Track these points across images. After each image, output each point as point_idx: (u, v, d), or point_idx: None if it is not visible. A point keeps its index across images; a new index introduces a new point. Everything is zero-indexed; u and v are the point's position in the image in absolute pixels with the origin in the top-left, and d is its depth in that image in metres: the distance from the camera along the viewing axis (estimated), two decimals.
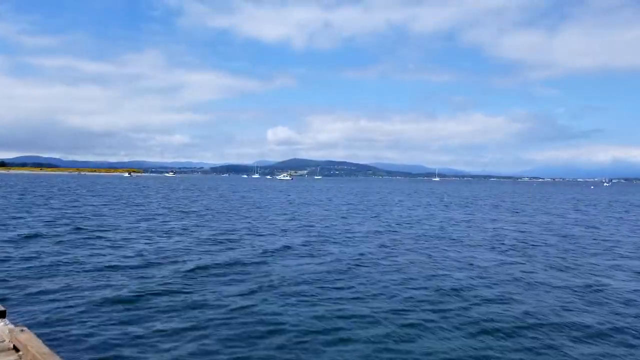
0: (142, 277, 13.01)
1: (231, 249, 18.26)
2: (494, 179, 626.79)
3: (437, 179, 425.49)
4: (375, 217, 33.83)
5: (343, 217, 32.59)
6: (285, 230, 24.68)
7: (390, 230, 25.57)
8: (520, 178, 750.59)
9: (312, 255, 17.22)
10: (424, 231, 25.49)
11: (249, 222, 28.47)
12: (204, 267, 14.42)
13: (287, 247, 18.74)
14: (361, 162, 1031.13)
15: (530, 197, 77.65)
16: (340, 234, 23.76)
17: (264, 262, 15.57)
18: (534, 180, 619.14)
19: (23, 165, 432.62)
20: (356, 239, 21.98)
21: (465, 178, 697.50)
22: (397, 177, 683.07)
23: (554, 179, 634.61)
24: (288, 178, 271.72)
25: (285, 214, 34.86)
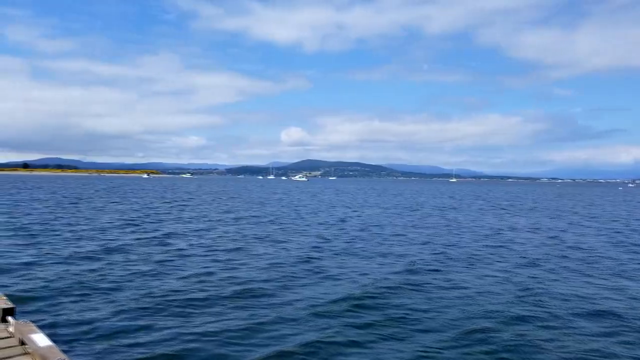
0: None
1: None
2: (511, 180, 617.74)
3: (454, 180, 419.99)
4: (456, 226, 31.11)
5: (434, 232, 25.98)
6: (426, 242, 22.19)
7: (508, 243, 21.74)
8: (538, 179, 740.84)
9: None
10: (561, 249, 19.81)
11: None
12: None
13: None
14: (373, 163, 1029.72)
15: (589, 200, 73.92)
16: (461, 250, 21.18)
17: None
18: (553, 181, 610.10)
19: (45, 166, 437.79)
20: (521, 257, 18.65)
21: (481, 179, 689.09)
22: (412, 178, 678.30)
23: (573, 180, 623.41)
24: (304, 179, 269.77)
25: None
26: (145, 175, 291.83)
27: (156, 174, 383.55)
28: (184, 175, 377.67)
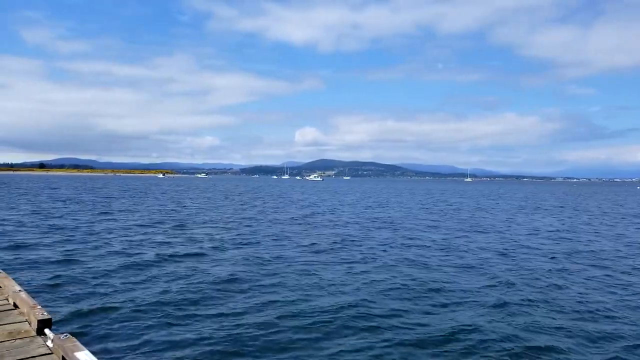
0: None
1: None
2: (526, 180, 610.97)
3: (469, 179, 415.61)
4: (487, 228, 30.47)
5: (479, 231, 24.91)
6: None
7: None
8: (554, 178, 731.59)
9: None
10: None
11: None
12: None
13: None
14: (388, 163, 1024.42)
15: (615, 199, 72.44)
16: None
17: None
18: (568, 180, 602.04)
19: (61, 166, 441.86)
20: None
21: (497, 179, 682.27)
22: (426, 178, 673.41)
23: (589, 179, 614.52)
24: (319, 179, 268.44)
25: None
26: (160, 175, 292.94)
27: (171, 173, 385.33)
28: (199, 175, 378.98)
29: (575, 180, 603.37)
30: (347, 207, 42.04)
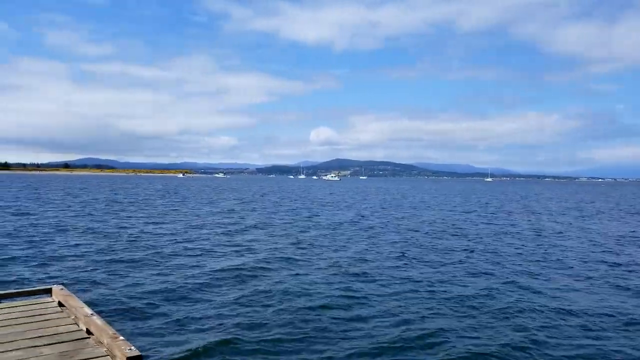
0: None
1: None
2: (548, 180, 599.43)
3: (489, 179, 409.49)
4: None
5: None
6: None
7: None
8: (577, 178, 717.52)
9: None
10: None
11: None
12: None
13: None
14: (404, 162, 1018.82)
15: None
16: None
17: None
18: (593, 180, 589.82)
19: (84, 166, 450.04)
20: None
21: (517, 178, 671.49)
22: (444, 177, 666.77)
23: (615, 179, 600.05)
24: (336, 179, 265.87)
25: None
26: (180, 175, 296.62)
27: (190, 173, 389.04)
28: (217, 175, 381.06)
29: (600, 180, 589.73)
30: (421, 211, 40.22)
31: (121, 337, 4.61)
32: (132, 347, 4.35)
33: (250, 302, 10.58)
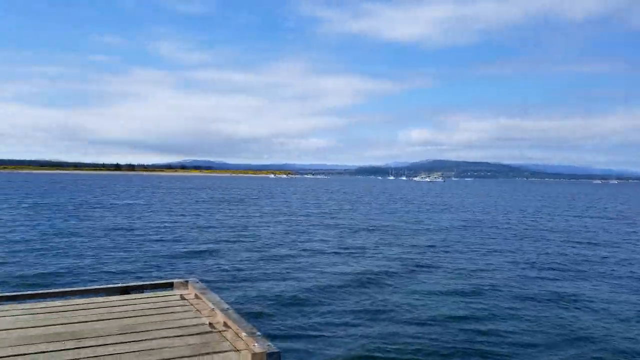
0: None
1: None
2: None
3: (615, 181, 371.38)
4: None
5: None
6: None
7: None
8: None
9: None
10: None
11: None
12: None
13: None
14: (502, 162, 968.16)
15: None
16: None
17: None
18: None
19: (185, 167, 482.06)
20: None
21: (632, 180, 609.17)
22: (548, 179, 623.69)
23: None
24: (439, 180, 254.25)
25: None
26: (272, 176, 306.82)
27: (283, 174, 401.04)
28: (307, 176, 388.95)
29: None
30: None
31: (258, 333, 4.51)
32: (271, 344, 4.23)
33: (379, 310, 9.84)
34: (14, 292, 7.91)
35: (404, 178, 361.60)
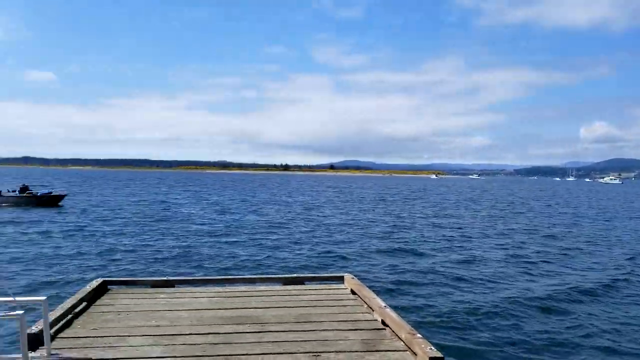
0: None
1: None
2: None
3: None
4: None
5: None
6: None
7: None
8: None
9: None
10: None
11: None
12: None
13: None
14: None
15: None
16: None
17: None
18: None
19: (346, 168, 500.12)
20: None
21: None
22: None
23: None
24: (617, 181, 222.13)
25: None
26: (433, 176, 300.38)
27: (443, 174, 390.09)
28: (471, 176, 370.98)
29: None
30: None
31: (419, 335, 4.35)
32: (433, 347, 4.07)
33: (569, 340, 8.45)
34: (206, 276, 8.96)
35: (588, 180, 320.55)
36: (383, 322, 5.00)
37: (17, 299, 3.31)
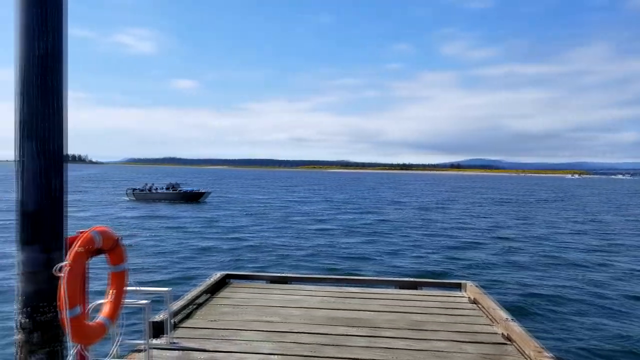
0: None
1: None
2: None
3: None
4: None
5: None
6: None
7: None
8: None
9: None
10: None
11: None
12: None
13: None
14: None
15: None
16: None
17: None
18: None
19: (471, 167, 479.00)
20: None
21: None
22: None
23: None
24: None
25: None
26: (570, 176, 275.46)
27: (585, 174, 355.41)
28: (619, 177, 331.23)
29: None
30: None
31: (548, 353, 4.02)
32: None
33: None
34: (320, 274, 9.06)
35: None
36: (506, 336, 4.60)
37: (144, 288, 3.56)
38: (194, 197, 36.12)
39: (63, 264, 2.21)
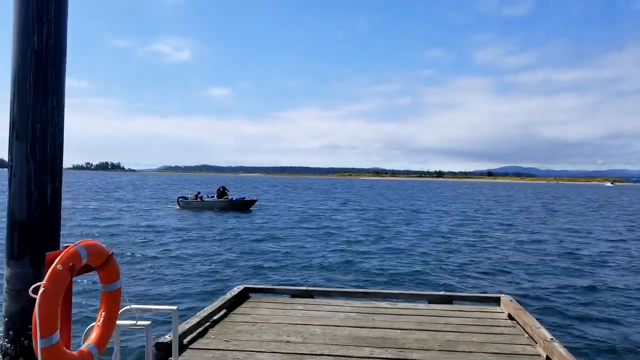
0: None
1: None
2: None
3: None
4: None
5: None
6: None
7: None
8: None
9: None
10: None
11: None
12: None
13: None
14: None
15: None
16: None
17: None
18: None
19: (505, 174, 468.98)
20: None
21: None
22: None
23: None
24: None
25: None
26: (608, 184, 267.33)
27: (621, 182, 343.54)
28: None
29: None
30: None
31: None
32: None
33: None
34: (346, 288, 8.63)
35: None
36: (548, 358, 4.22)
37: (146, 307, 3.26)
38: (245, 206, 35.21)
39: (39, 284, 1.91)
